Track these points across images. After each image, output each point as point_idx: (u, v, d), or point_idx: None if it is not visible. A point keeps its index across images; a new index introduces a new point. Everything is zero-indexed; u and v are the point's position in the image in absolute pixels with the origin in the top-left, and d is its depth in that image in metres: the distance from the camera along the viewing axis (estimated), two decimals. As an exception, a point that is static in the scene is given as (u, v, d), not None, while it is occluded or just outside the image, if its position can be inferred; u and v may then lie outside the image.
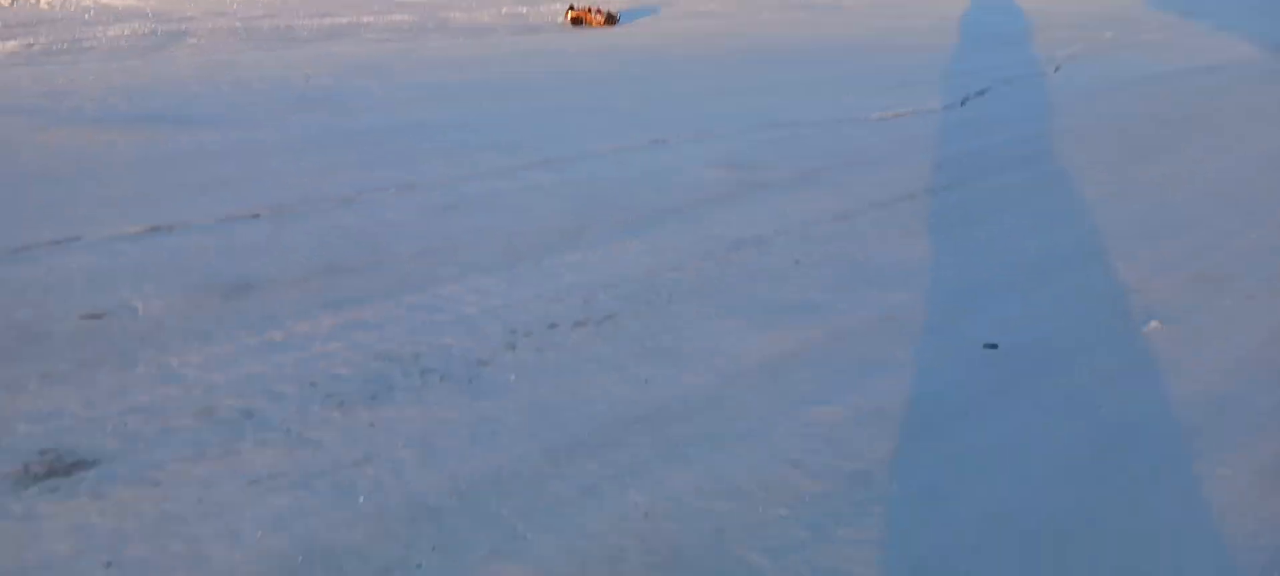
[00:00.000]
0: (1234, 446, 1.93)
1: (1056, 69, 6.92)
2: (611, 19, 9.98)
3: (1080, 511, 1.72)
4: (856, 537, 1.65)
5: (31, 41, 6.95)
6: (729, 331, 2.37)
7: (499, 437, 1.95)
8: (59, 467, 1.84)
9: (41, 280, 2.65)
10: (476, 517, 1.72)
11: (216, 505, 1.73)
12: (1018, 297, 2.61)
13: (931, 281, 2.72)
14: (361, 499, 1.75)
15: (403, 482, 1.81)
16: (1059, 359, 2.26)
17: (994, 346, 2.28)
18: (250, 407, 2.04)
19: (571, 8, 10.23)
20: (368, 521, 1.70)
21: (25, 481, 1.79)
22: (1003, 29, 10.00)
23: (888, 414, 2.04)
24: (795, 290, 2.64)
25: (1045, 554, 1.63)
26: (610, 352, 2.28)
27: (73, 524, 1.68)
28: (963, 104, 5.53)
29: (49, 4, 9.49)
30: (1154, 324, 2.40)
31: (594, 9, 10.10)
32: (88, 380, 2.13)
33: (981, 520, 1.70)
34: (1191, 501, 1.75)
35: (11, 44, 6.78)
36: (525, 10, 12.01)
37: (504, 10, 11.96)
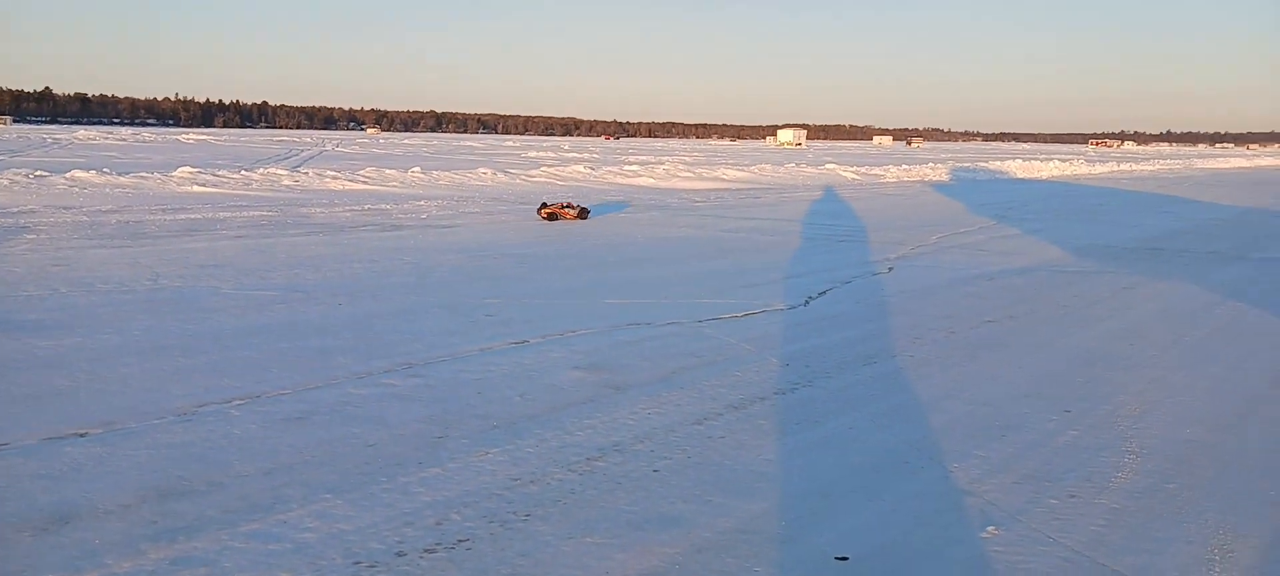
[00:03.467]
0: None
1: (889, 269, 7.51)
2: (584, 213, 11.13)
3: None
4: None
5: None
6: (588, 550, 2.34)
7: (340, 684, 1.82)
8: None
9: None
10: None
11: None
12: (864, 502, 2.72)
13: (784, 487, 2.80)
14: None
15: None
16: (907, 567, 2.34)
17: (845, 558, 2.35)
18: (55, 664, 1.84)
19: (545, 205, 11.37)
20: None
21: None
22: (838, 230, 10.84)
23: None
24: (655, 502, 2.66)
25: None
26: (464, 579, 2.20)
27: None
28: (806, 304, 5.89)
29: None
30: (991, 530, 2.55)
31: (567, 204, 11.30)
32: None
33: None
34: None
35: None
36: (389, 207, 12.11)
37: (366, 207, 12.02)
